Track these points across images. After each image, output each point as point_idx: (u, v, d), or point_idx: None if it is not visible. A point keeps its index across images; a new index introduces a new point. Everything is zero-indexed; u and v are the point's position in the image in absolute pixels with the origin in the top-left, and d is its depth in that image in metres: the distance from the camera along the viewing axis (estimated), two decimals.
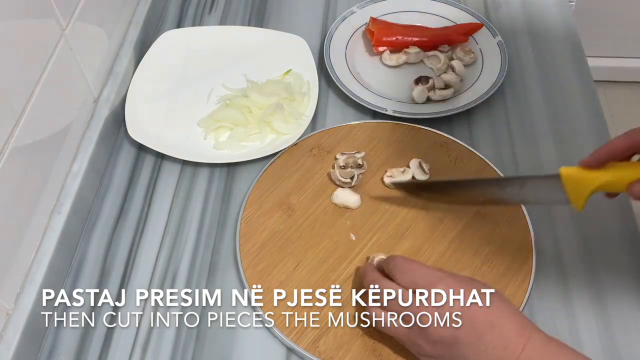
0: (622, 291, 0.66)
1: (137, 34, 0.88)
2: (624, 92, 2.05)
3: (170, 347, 0.64)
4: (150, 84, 0.86)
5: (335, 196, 0.73)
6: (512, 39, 0.93)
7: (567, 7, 0.98)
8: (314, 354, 0.62)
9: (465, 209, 0.71)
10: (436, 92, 0.83)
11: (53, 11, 0.68)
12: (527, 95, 0.86)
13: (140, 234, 0.72)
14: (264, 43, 0.91)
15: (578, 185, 0.59)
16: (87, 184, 0.73)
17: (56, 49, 0.69)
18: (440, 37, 0.91)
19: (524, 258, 0.67)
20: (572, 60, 0.90)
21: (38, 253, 0.66)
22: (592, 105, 0.84)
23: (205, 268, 0.69)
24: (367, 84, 0.87)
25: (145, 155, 0.80)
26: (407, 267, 0.58)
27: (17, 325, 0.60)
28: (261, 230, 0.71)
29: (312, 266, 0.68)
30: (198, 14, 0.99)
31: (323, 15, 0.98)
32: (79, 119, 0.75)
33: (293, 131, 0.79)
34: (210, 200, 0.75)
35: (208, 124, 0.81)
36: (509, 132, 0.81)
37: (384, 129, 0.80)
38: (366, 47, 0.93)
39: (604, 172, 0.58)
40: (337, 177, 0.74)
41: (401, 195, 0.73)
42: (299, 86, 0.85)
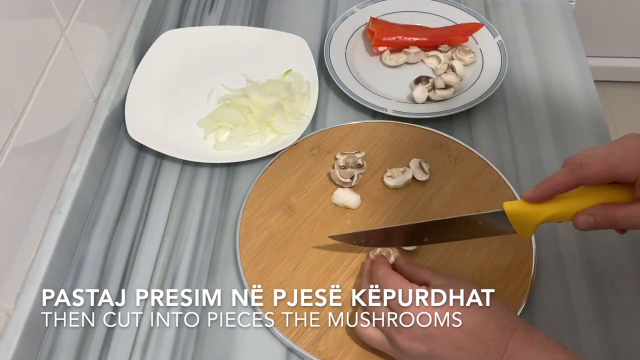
0: (622, 291, 0.66)
1: (137, 34, 0.88)
2: (624, 92, 2.05)
3: (170, 347, 0.64)
4: (150, 84, 0.86)
5: (335, 196, 0.73)
6: (512, 39, 0.93)
7: (567, 7, 0.98)
8: (314, 354, 0.62)
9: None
10: (436, 92, 0.83)
11: (53, 11, 0.68)
12: (527, 95, 0.86)
13: (140, 234, 0.72)
14: (264, 43, 0.91)
15: (523, 220, 0.60)
16: (87, 184, 0.73)
17: (56, 49, 0.69)
18: (440, 37, 0.91)
19: (524, 258, 0.67)
20: (572, 60, 0.90)
21: (38, 253, 0.66)
22: (592, 105, 0.84)
23: (205, 268, 0.69)
24: (367, 84, 0.87)
25: (145, 155, 0.80)
26: (381, 279, 0.59)
27: (17, 325, 0.60)
28: (261, 231, 0.71)
29: (312, 266, 0.68)
30: (198, 14, 0.99)
31: (323, 15, 0.98)
32: (79, 119, 0.75)
33: (293, 131, 0.79)
34: (210, 200, 0.75)
35: (208, 124, 0.81)
36: (509, 132, 0.81)
37: (384, 129, 0.80)
38: (366, 47, 0.93)
39: (549, 206, 0.58)
40: (337, 177, 0.74)
41: (401, 196, 0.73)
42: (299, 86, 0.85)
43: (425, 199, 0.73)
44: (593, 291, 0.66)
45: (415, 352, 0.55)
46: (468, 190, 0.74)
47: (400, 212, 0.72)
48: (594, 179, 0.56)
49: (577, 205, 0.57)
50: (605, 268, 0.68)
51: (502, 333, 0.53)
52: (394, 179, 0.74)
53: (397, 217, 0.72)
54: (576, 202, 0.58)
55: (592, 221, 0.56)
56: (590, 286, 0.67)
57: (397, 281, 0.58)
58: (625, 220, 0.56)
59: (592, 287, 0.67)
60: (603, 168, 0.55)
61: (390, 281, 0.58)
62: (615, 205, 0.56)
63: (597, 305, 0.65)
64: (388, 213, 0.72)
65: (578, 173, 0.56)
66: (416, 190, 0.74)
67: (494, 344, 0.53)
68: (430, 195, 0.74)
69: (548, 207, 0.58)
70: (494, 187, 0.74)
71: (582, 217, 0.57)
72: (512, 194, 0.73)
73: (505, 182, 0.74)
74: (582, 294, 0.66)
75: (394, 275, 0.59)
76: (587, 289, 0.67)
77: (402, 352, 0.56)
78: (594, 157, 0.56)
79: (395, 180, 0.74)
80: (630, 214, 0.55)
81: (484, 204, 0.72)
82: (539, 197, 0.58)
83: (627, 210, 0.55)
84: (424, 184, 0.75)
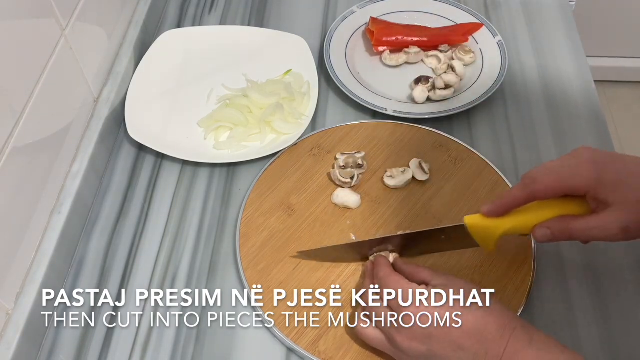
0: (622, 291, 0.66)
1: (137, 34, 0.88)
2: (624, 92, 2.05)
3: (170, 347, 0.64)
4: (150, 84, 0.86)
5: (335, 196, 0.73)
6: (512, 39, 0.93)
7: (567, 7, 0.98)
8: (314, 354, 0.62)
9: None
10: (436, 92, 0.83)
11: (53, 11, 0.68)
12: (527, 95, 0.86)
13: (140, 234, 0.72)
14: (264, 43, 0.91)
15: (483, 233, 0.61)
16: (87, 184, 0.73)
17: (56, 49, 0.69)
18: (440, 37, 0.91)
19: (524, 258, 0.67)
20: (572, 60, 0.90)
21: (38, 253, 0.66)
22: (592, 105, 0.84)
23: (205, 268, 0.69)
24: (367, 84, 0.87)
25: (145, 155, 0.80)
26: (382, 279, 0.59)
27: (17, 325, 0.60)
28: (261, 230, 0.71)
29: (312, 266, 0.68)
30: (198, 14, 0.99)
31: (323, 15, 0.98)
32: (79, 119, 0.75)
33: (293, 131, 0.79)
34: (210, 200, 0.75)
35: (208, 124, 0.81)
36: (509, 132, 0.81)
37: (384, 129, 0.80)
38: (366, 47, 0.93)
39: (507, 219, 0.60)
40: (337, 177, 0.74)
41: (401, 196, 0.73)
42: (299, 86, 0.85)
43: (425, 199, 0.73)
44: (593, 291, 0.66)
45: (414, 352, 0.55)
46: (468, 190, 0.74)
47: (400, 212, 0.72)
48: (546, 192, 0.57)
49: (534, 219, 0.59)
50: (606, 268, 0.68)
51: (501, 333, 0.53)
52: (394, 179, 0.74)
53: (397, 217, 0.72)
54: (533, 216, 0.59)
55: (550, 234, 0.58)
56: (590, 286, 0.67)
57: (397, 281, 0.58)
58: (581, 232, 0.57)
59: (592, 287, 0.67)
60: (554, 183, 0.57)
61: (390, 281, 0.58)
62: (571, 218, 0.57)
63: (597, 305, 0.65)
64: (388, 213, 0.72)
65: (530, 188, 0.57)
66: (416, 190, 0.74)
67: (494, 344, 0.53)
68: (430, 196, 0.74)
69: (506, 221, 0.60)
70: (494, 187, 0.74)
71: (540, 231, 0.58)
72: None
73: (505, 182, 0.74)
74: (582, 294, 0.66)
75: (395, 276, 0.59)
76: (587, 289, 0.67)
77: (401, 352, 0.57)
78: (546, 171, 0.58)
79: (395, 180, 0.74)
80: (585, 226, 0.56)
81: (484, 204, 0.72)
82: (494, 212, 0.60)
83: (582, 223, 0.56)
84: (424, 184, 0.75)
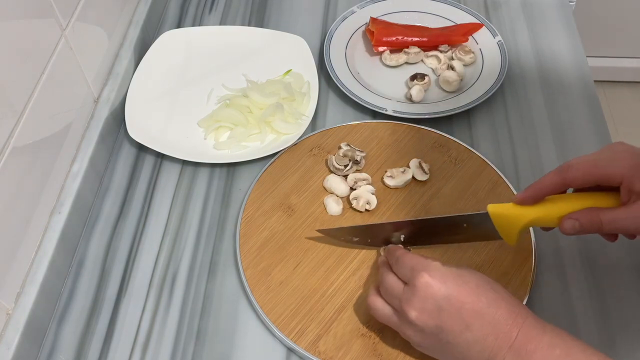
0: (622, 290, 0.66)
1: (137, 34, 0.88)
2: (624, 92, 2.06)
3: (170, 347, 0.64)
4: (150, 84, 0.86)
5: (326, 180, 0.74)
6: (512, 39, 0.93)
7: (567, 7, 0.98)
8: (314, 354, 0.62)
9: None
10: (444, 74, 0.85)
11: (53, 11, 0.68)
12: (527, 95, 0.86)
13: (140, 234, 0.72)
14: (264, 43, 0.91)
15: (507, 223, 0.60)
16: (87, 184, 0.73)
17: (56, 49, 0.69)
18: (440, 37, 0.91)
19: (524, 258, 0.67)
20: (572, 60, 0.90)
21: (38, 253, 0.66)
22: (592, 105, 0.84)
23: (205, 268, 0.69)
24: (367, 84, 0.87)
25: (145, 155, 0.80)
26: (399, 258, 0.58)
27: (17, 325, 0.60)
28: (261, 230, 0.71)
29: (312, 266, 0.68)
30: (198, 14, 0.99)
31: (323, 15, 0.98)
32: (79, 119, 0.75)
33: (293, 131, 0.79)
34: (210, 200, 0.75)
35: (208, 124, 0.81)
36: (509, 132, 0.81)
37: (384, 129, 0.80)
38: (366, 47, 0.93)
39: (532, 209, 0.59)
40: (333, 162, 0.75)
41: (401, 196, 0.73)
42: (299, 86, 0.85)
43: (425, 199, 0.73)
44: (593, 291, 0.66)
45: (422, 325, 0.54)
46: (468, 191, 0.74)
47: (400, 212, 0.72)
48: (581, 180, 0.57)
49: (561, 210, 0.58)
50: (606, 268, 0.68)
51: (513, 318, 0.52)
52: (394, 179, 0.74)
53: (397, 218, 0.72)
54: (560, 206, 0.58)
55: (578, 225, 0.57)
56: (590, 286, 0.67)
57: (412, 257, 0.57)
58: (610, 224, 0.56)
59: (593, 287, 0.67)
60: (590, 169, 0.57)
61: (406, 258, 0.58)
62: (600, 209, 0.57)
63: (598, 304, 0.65)
64: (388, 213, 0.72)
65: (565, 174, 0.57)
66: (416, 190, 0.74)
67: (505, 329, 0.52)
68: (430, 196, 0.74)
69: (531, 210, 0.59)
70: (494, 187, 0.74)
71: (568, 222, 0.58)
72: (512, 194, 0.73)
73: (505, 182, 0.74)
74: (582, 294, 0.66)
75: (411, 254, 0.58)
76: (588, 289, 0.67)
77: (408, 325, 0.55)
78: (583, 159, 0.58)
79: (395, 180, 0.74)
80: (615, 217, 0.56)
81: (483, 204, 0.72)
82: (530, 198, 0.59)
83: (612, 214, 0.56)
84: (424, 184, 0.75)
